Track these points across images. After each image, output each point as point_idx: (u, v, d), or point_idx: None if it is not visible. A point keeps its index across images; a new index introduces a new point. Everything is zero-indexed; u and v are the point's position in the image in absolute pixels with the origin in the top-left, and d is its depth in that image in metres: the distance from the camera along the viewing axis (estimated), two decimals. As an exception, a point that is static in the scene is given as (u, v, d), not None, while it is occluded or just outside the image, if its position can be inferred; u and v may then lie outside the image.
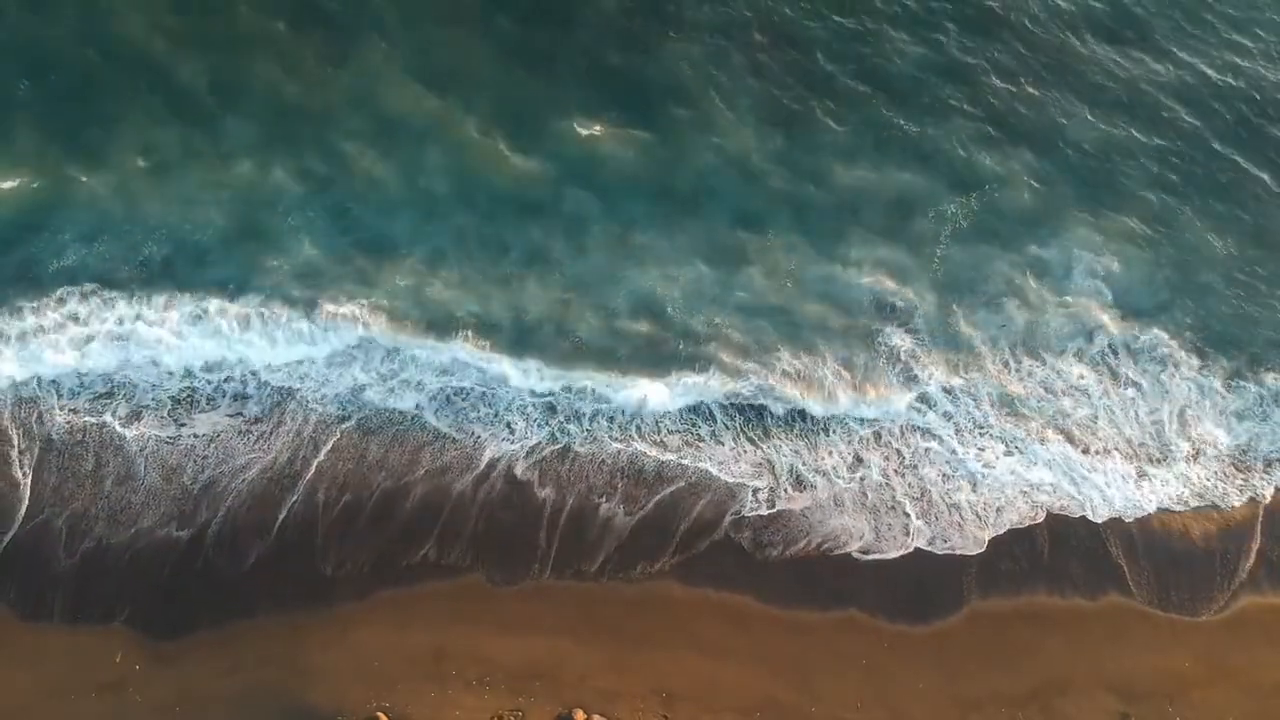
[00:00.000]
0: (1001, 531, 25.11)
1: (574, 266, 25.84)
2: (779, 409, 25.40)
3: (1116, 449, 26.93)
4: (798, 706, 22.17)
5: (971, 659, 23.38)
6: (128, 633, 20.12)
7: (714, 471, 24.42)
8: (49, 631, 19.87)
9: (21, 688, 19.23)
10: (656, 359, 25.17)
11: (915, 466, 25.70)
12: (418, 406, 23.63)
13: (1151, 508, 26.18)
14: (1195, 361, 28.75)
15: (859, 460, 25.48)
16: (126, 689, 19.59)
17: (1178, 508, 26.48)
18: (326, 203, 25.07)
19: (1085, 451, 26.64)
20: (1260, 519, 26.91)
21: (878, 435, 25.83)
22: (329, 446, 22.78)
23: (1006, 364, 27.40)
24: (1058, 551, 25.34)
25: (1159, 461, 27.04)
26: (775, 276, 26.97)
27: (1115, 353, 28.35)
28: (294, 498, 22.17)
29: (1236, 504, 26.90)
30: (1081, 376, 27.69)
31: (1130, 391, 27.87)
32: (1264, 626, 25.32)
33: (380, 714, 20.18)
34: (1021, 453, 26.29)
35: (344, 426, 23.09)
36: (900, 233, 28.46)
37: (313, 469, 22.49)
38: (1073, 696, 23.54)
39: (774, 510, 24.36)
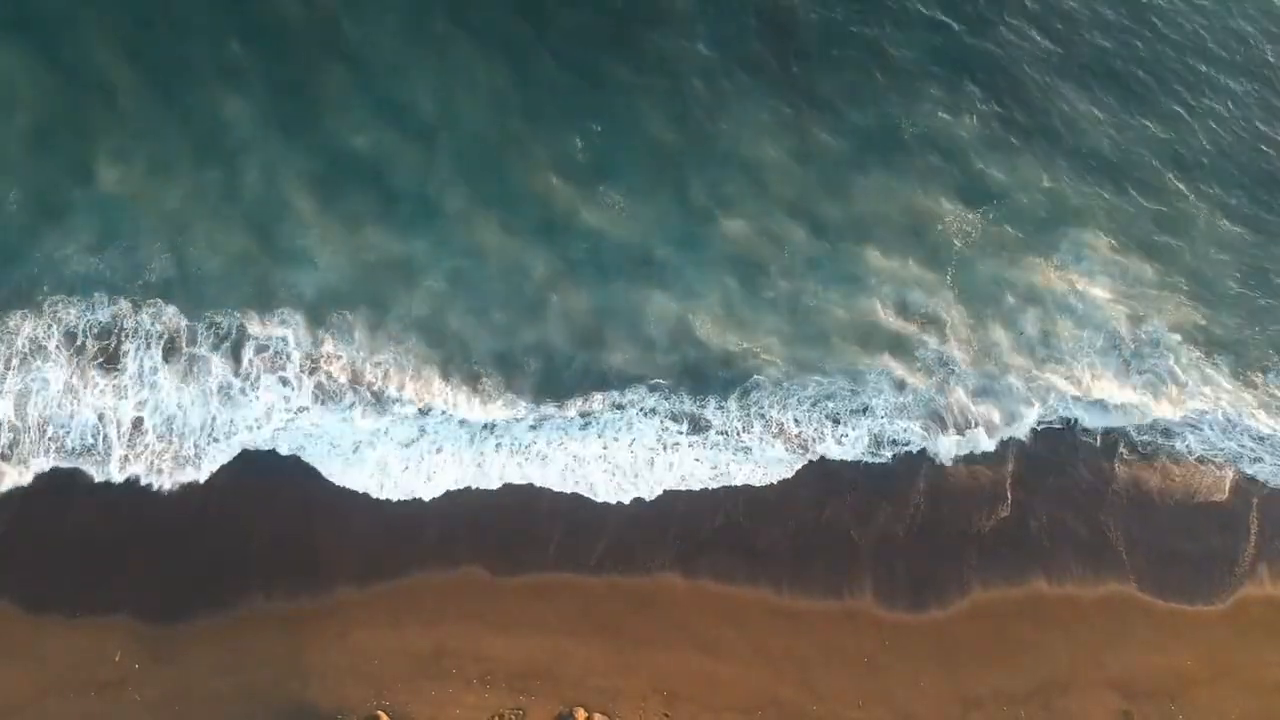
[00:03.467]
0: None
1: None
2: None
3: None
4: (799, 704, 22.11)
5: (973, 656, 23.34)
6: (127, 631, 20.04)
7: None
8: (49, 630, 19.80)
9: (21, 686, 19.15)
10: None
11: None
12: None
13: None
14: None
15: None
16: (126, 688, 19.51)
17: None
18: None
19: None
20: (1254, 509, 27.02)
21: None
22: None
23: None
24: (1056, 540, 25.40)
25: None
26: (799, 295, 27.12)
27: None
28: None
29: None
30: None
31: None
32: (1266, 624, 25.32)
33: (380, 713, 20.13)
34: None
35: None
36: (914, 242, 28.59)
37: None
38: (1074, 694, 23.50)
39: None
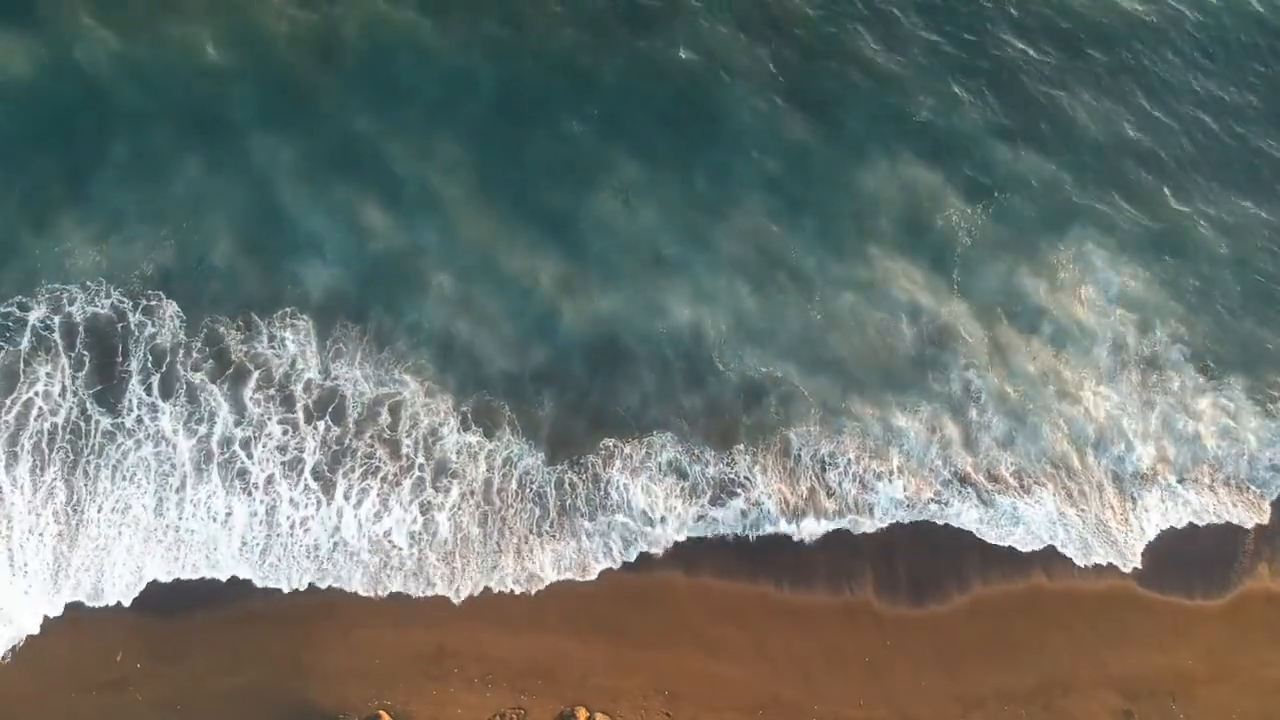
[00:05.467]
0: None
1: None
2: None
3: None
4: (800, 704, 22.10)
5: (973, 655, 23.32)
6: (128, 631, 20.08)
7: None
8: (51, 630, 19.80)
9: (23, 686, 19.20)
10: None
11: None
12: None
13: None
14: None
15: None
16: (127, 687, 19.55)
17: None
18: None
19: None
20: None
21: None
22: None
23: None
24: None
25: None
26: (808, 307, 26.80)
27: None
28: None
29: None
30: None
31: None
32: (1267, 623, 25.27)
33: (382, 712, 20.13)
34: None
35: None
36: (919, 244, 28.46)
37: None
38: (1075, 694, 23.46)
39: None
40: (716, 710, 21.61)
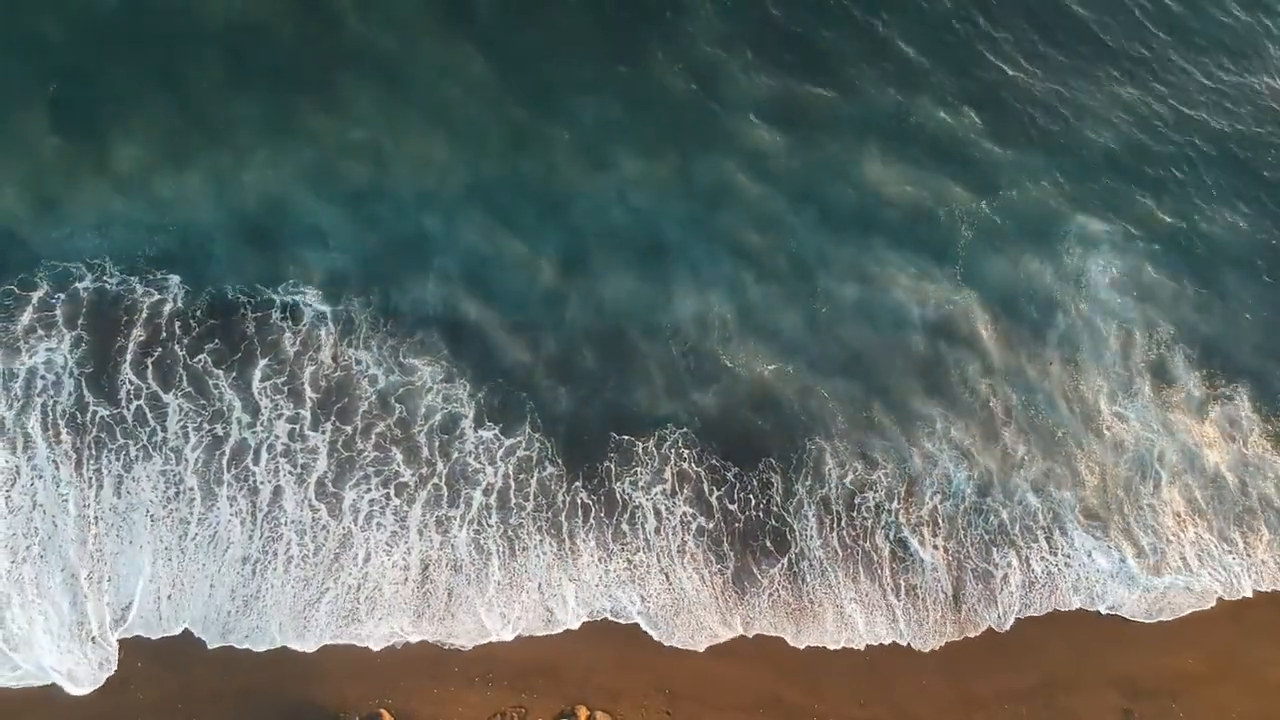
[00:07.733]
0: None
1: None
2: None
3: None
4: (801, 704, 22.09)
5: (975, 656, 23.33)
6: (129, 631, 20.02)
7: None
8: (50, 629, 19.77)
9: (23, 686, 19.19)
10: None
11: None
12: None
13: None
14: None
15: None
16: (128, 687, 19.51)
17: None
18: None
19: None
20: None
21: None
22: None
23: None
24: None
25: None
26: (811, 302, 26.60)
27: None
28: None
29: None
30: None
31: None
32: (1267, 623, 25.27)
33: (383, 711, 20.11)
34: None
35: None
36: (922, 241, 28.26)
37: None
38: (1076, 694, 23.46)
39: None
40: (717, 710, 21.59)
